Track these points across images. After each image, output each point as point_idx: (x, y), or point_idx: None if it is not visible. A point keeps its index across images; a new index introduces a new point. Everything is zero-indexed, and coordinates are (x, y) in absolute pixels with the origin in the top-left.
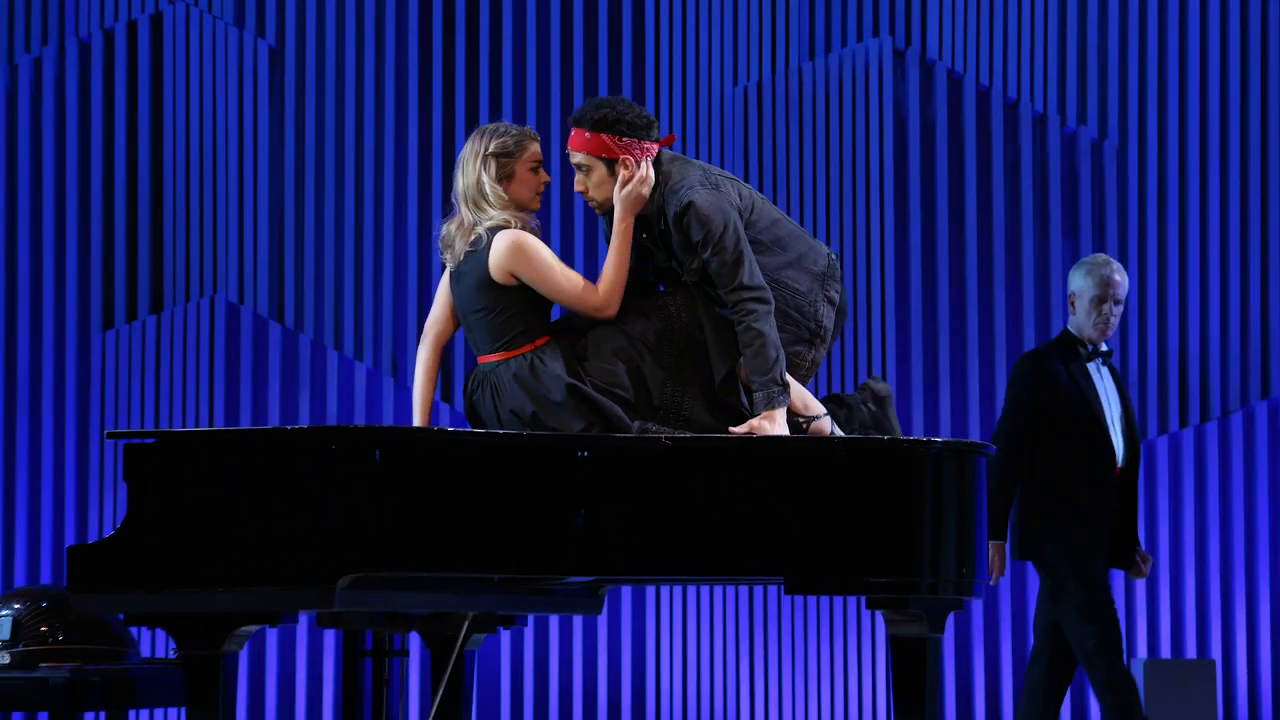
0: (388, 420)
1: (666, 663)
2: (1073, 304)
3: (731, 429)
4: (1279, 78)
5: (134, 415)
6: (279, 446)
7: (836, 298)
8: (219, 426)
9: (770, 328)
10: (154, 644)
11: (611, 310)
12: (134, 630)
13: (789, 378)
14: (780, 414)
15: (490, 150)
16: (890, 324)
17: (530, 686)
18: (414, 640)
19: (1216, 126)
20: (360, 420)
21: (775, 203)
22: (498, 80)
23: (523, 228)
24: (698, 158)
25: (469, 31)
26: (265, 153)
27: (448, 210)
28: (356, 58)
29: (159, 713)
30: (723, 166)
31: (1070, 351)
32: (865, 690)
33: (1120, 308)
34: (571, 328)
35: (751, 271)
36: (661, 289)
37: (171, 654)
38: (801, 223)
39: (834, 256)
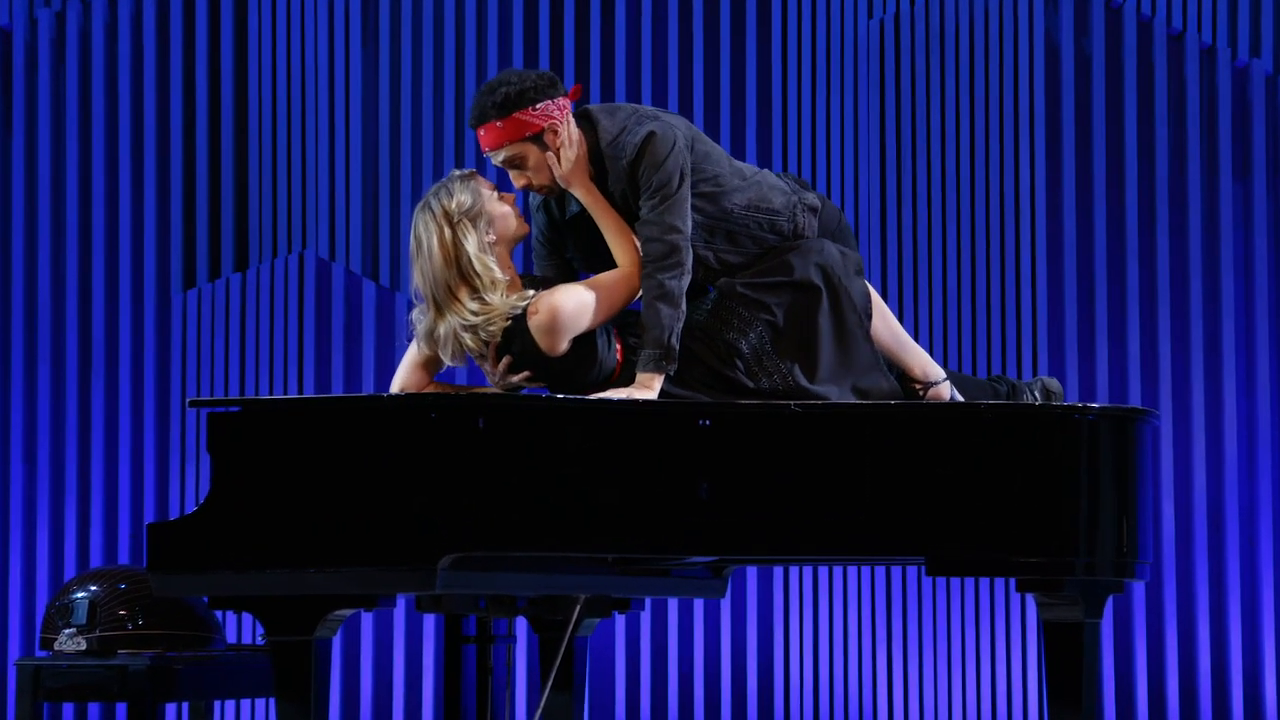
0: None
1: (796, 652)
2: None
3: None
4: None
5: (217, 381)
6: (374, 415)
7: (816, 202)
8: (309, 393)
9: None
10: (240, 629)
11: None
12: (219, 614)
13: (908, 342)
14: (658, 381)
15: (457, 217)
16: (1041, 278)
17: (647, 677)
18: (521, 626)
19: None
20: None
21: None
22: (610, 21)
23: (534, 296)
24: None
25: None
26: (358, 97)
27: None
28: None
29: (245, 703)
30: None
31: None
32: (1015, 682)
33: None
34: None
35: (683, 213)
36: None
37: (259, 640)
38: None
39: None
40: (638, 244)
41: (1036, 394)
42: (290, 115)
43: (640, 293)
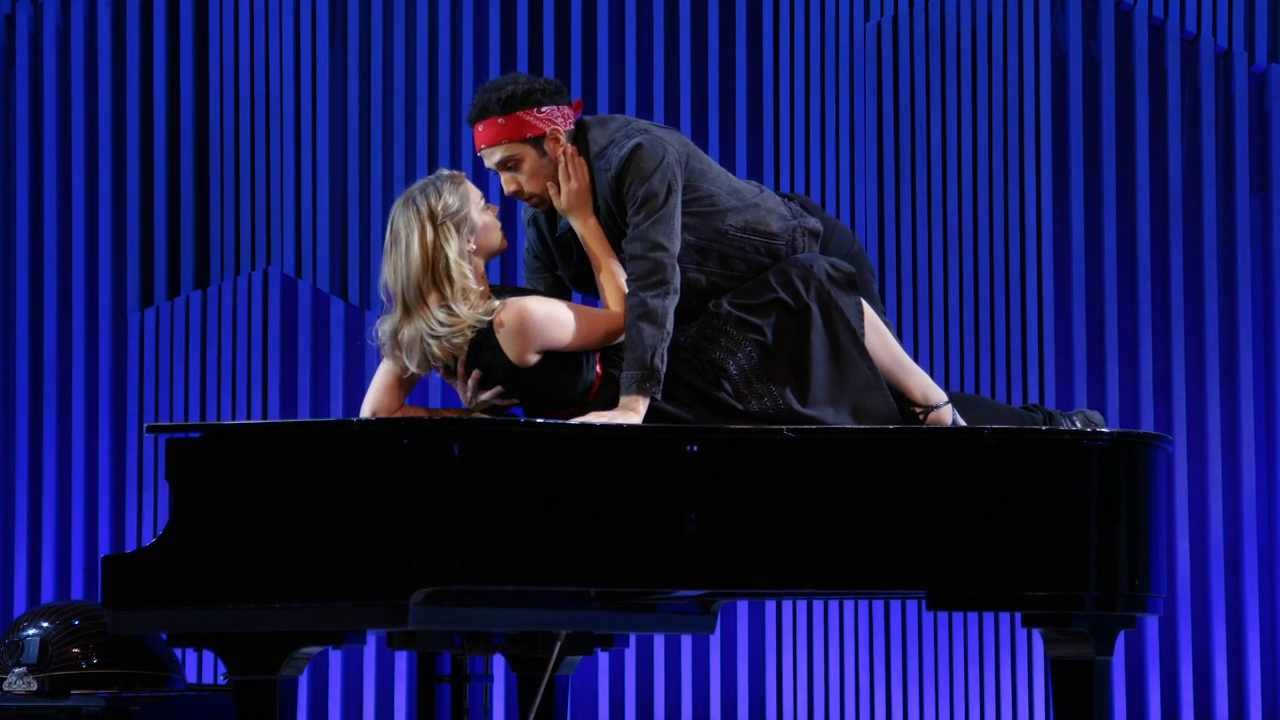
0: None
1: (789, 691)
2: None
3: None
4: None
5: (177, 405)
6: (343, 441)
7: (819, 226)
8: (274, 418)
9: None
10: (200, 668)
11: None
12: (178, 652)
13: (911, 368)
14: (643, 404)
15: (441, 218)
16: (1049, 296)
17: (632, 717)
18: (499, 664)
19: None
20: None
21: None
22: (591, 27)
23: (500, 305)
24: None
25: None
26: (325, 103)
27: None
28: None
29: None
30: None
31: None
32: None
33: None
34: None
35: (669, 230)
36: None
37: (221, 680)
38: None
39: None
40: (623, 301)
41: (1077, 423)
42: (254, 123)
43: (621, 335)
